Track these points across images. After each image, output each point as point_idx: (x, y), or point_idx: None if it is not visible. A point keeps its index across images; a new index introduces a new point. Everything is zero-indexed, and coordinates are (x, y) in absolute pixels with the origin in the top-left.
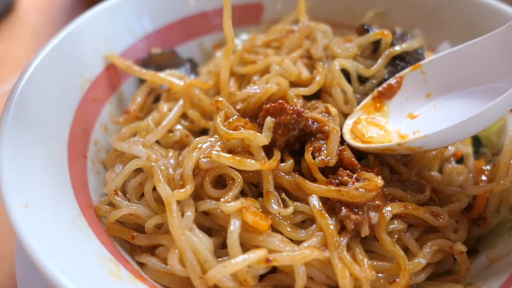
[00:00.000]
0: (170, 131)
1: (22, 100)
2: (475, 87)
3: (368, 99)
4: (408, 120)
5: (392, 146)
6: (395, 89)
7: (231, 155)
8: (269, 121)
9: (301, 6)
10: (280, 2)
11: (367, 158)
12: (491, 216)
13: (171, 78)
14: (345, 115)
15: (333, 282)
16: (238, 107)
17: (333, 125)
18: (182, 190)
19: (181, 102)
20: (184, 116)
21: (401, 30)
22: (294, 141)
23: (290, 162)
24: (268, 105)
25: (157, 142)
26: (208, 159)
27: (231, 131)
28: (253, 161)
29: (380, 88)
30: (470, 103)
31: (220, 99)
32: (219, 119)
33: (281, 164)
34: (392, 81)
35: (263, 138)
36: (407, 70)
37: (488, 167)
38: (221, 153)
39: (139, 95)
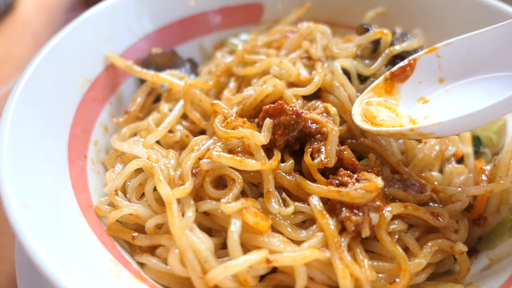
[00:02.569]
0: (171, 131)
1: (22, 100)
2: (489, 75)
3: (379, 80)
4: (420, 104)
5: (403, 131)
6: (408, 72)
7: (231, 155)
8: (268, 122)
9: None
10: (280, 2)
11: (367, 158)
12: (491, 216)
13: (172, 78)
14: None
15: (333, 283)
16: (234, 110)
17: (331, 126)
18: (181, 188)
19: (181, 102)
20: (184, 116)
21: (401, 30)
22: (294, 141)
23: (290, 163)
24: (268, 106)
25: (158, 142)
26: (209, 159)
27: (229, 130)
28: (253, 161)
29: (393, 69)
30: (483, 90)
31: (216, 102)
32: (217, 119)
33: (282, 164)
34: (405, 63)
35: (261, 137)
36: (421, 52)
37: (488, 167)
38: (221, 153)
39: (139, 95)
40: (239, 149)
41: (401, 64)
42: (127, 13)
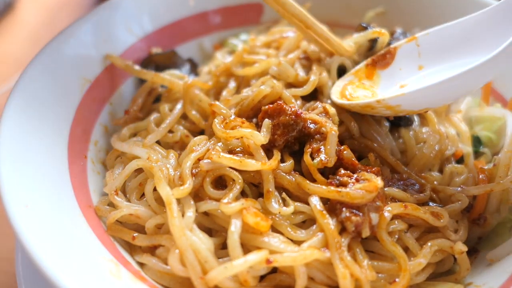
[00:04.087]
0: (170, 131)
1: (22, 100)
2: (465, 60)
3: (361, 65)
4: (397, 88)
5: (371, 103)
6: (389, 59)
7: (231, 155)
8: (267, 122)
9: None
10: None
11: (367, 158)
12: (491, 216)
13: (172, 78)
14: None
15: (333, 282)
16: (232, 111)
17: (330, 125)
18: (181, 188)
19: (181, 102)
20: (184, 116)
21: (401, 30)
22: (294, 141)
23: (290, 163)
24: (267, 107)
25: (158, 142)
26: (209, 160)
27: (228, 130)
28: (253, 161)
29: (374, 57)
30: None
31: (215, 102)
32: (216, 120)
33: (282, 165)
34: (385, 50)
35: (260, 137)
36: (402, 41)
37: (488, 167)
38: (221, 153)
39: (140, 95)
40: (238, 149)
41: (382, 51)
42: (127, 13)
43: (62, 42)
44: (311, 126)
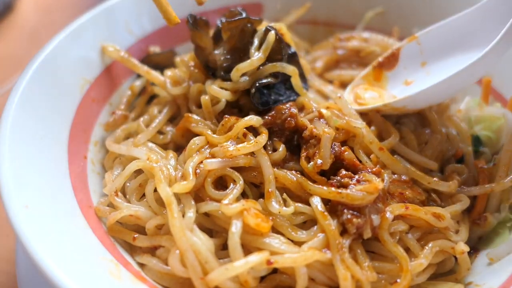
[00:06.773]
0: (161, 133)
1: (22, 100)
2: (463, 56)
3: (368, 68)
4: (403, 86)
5: (378, 107)
6: (393, 61)
7: (244, 143)
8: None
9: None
10: (280, 2)
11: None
12: (491, 215)
13: (163, 78)
14: None
15: (334, 283)
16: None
17: (323, 128)
18: (182, 183)
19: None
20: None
21: None
22: (281, 133)
23: (282, 148)
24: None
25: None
26: (213, 159)
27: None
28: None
29: (379, 59)
30: (456, 69)
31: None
32: (209, 131)
33: (273, 153)
34: (389, 53)
35: (257, 118)
36: (404, 42)
37: (488, 166)
38: (235, 146)
39: (124, 95)
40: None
41: (386, 54)
42: (127, 13)
43: (62, 43)
44: (306, 132)
